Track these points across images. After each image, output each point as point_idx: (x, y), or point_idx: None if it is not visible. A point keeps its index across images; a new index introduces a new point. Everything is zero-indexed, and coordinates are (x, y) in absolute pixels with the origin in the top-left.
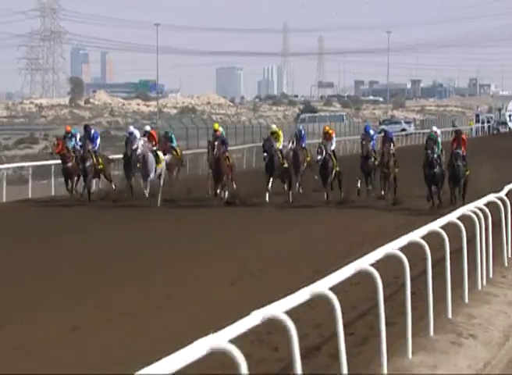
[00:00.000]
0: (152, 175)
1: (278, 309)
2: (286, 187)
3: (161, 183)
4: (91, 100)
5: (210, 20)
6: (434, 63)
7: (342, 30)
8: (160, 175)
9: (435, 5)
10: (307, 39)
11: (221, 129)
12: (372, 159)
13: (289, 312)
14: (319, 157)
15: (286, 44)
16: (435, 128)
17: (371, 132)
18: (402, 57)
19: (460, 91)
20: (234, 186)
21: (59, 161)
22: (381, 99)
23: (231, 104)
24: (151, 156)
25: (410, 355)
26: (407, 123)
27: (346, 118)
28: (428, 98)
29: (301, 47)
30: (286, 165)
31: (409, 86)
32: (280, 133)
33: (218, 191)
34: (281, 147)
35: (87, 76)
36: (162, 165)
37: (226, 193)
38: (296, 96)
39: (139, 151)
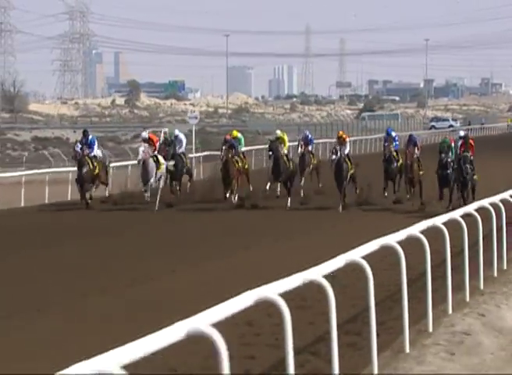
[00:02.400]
0: (152, 180)
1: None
2: (287, 192)
3: (160, 187)
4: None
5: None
6: (446, 63)
7: (357, 32)
8: (159, 179)
9: (451, 7)
10: (325, 41)
11: (239, 135)
12: (395, 164)
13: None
14: (334, 157)
15: (307, 45)
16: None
17: (393, 134)
18: (415, 57)
19: (472, 91)
20: (250, 188)
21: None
22: (397, 98)
23: (257, 103)
24: (151, 162)
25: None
26: (454, 120)
27: (401, 116)
28: (442, 97)
29: (318, 48)
30: (291, 167)
31: (422, 85)
32: (285, 138)
33: (227, 195)
34: (286, 151)
35: (100, 76)
36: (162, 169)
37: (236, 196)
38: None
39: (139, 156)
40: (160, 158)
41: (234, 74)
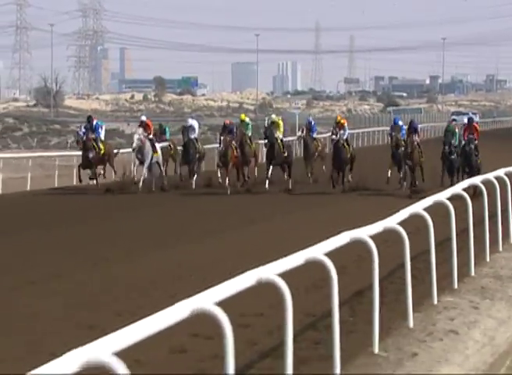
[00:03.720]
0: (148, 162)
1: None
2: (286, 175)
3: (160, 171)
4: (149, 96)
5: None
6: (451, 60)
7: (364, 30)
8: (157, 163)
9: (456, 5)
10: (332, 38)
11: (247, 119)
12: (403, 148)
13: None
14: (334, 136)
15: (317, 42)
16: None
17: (400, 123)
18: (420, 54)
19: (477, 87)
20: (255, 172)
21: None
22: (404, 95)
23: (267, 97)
24: (147, 144)
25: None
26: (474, 114)
27: (423, 110)
28: (448, 93)
29: (326, 45)
30: (286, 154)
31: (428, 82)
32: (280, 122)
33: (226, 182)
34: (281, 136)
35: (106, 71)
36: (159, 153)
37: (227, 180)
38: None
39: (135, 144)
40: (156, 143)
41: (239, 70)
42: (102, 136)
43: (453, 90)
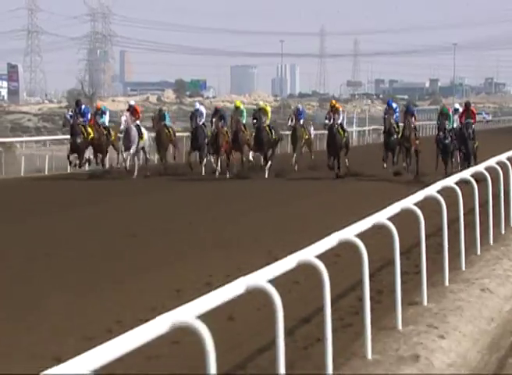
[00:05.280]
0: (134, 148)
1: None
2: (262, 161)
3: (146, 157)
4: (162, 98)
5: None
6: (450, 64)
7: (367, 34)
8: (143, 148)
9: (456, 10)
10: (336, 41)
11: (242, 107)
12: (395, 136)
13: None
14: (326, 121)
15: (322, 46)
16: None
17: (394, 105)
18: (418, 57)
19: (476, 90)
20: (250, 157)
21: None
22: (406, 97)
23: (277, 99)
24: (134, 129)
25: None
26: (487, 113)
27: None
28: (449, 96)
29: (333, 49)
30: (275, 137)
31: (427, 85)
32: (268, 109)
33: (218, 165)
34: (269, 122)
35: (107, 74)
36: (145, 138)
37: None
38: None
39: (122, 126)
40: (143, 129)
41: (237, 73)
42: (106, 121)
43: (452, 93)
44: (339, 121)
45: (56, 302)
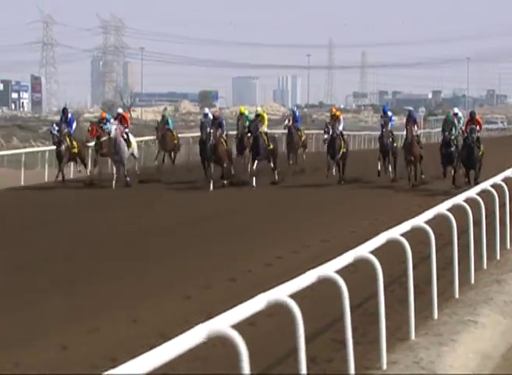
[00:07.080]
0: (125, 160)
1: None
2: (272, 166)
3: (136, 163)
4: (179, 109)
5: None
6: (452, 75)
7: (371, 46)
8: (132, 154)
9: (459, 24)
10: (344, 53)
11: (247, 112)
12: (390, 140)
13: None
14: (326, 136)
15: (330, 58)
16: (456, 109)
17: (389, 113)
18: (421, 69)
19: (478, 102)
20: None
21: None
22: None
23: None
24: (122, 142)
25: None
26: (502, 122)
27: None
28: (452, 107)
29: (340, 61)
30: (271, 146)
31: (430, 96)
32: (265, 115)
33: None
34: (266, 129)
35: (109, 85)
36: (133, 146)
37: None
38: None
39: (112, 135)
40: (130, 136)
41: (239, 84)
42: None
43: (455, 104)
44: (340, 128)
45: None
